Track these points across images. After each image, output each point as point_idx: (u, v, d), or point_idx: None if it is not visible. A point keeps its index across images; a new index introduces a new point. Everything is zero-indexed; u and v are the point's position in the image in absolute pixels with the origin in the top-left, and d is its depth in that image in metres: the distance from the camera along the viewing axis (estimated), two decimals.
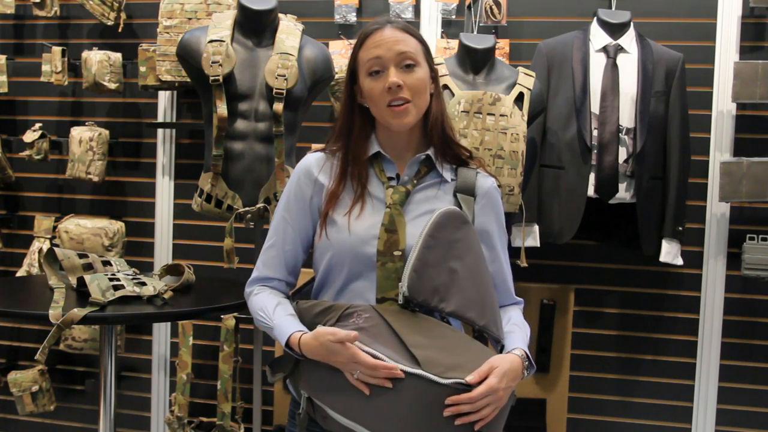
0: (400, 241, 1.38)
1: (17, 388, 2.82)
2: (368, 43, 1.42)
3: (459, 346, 1.32)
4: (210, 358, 2.90)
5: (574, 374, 2.73)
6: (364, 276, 1.39)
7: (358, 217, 1.41)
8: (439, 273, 1.34)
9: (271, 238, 1.51)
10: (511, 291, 1.55)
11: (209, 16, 2.51)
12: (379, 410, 1.24)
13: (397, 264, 1.36)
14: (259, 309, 1.45)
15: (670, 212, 2.45)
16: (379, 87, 1.39)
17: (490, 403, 1.25)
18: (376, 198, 1.44)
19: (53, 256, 2.04)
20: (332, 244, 1.42)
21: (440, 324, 1.36)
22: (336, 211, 1.43)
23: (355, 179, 1.44)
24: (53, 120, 3.07)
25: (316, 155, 1.51)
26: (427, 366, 1.24)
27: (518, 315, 1.52)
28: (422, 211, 1.42)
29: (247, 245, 2.56)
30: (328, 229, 1.43)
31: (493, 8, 2.64)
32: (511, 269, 1.56)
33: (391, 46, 1.39)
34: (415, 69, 1.40)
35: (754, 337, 2.67)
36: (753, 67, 2.44)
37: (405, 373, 1.23)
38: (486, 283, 1.41)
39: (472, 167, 1.50)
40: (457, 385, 1.23)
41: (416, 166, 1.46)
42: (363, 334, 1.28)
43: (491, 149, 2.16)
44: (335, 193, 1.44)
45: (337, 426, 1.29)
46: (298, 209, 1.48)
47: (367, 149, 1.46)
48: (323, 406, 1.30)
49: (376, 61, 1.40)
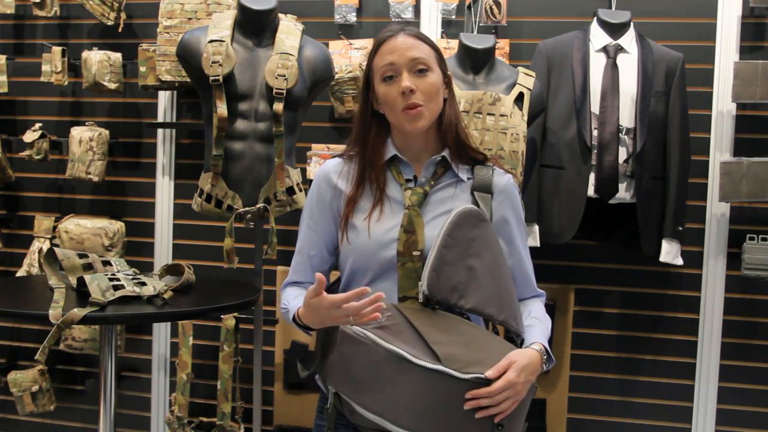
0: (419, 241, 1.42)
1: (17, 388, 2.82)
2: (382, 50, 1.46)
3: (479, 342, 1.35)
4: (210, 358, 2.90)
5: (574, 374, 2.73)
6: (387, 277, 1.43)
7: (377, 221, 1.45)
8: (457, 271, 1.38)
9: (298, 244, 1.58)
10: (532, 283, 1.58)
11: (209, 16, 2.51)
12: (401, 405, 1.27)
13: (416, 264, 1.41)
14: (283, 304, 1.51)
15: (670, 212, 2.45)
16: (393, 92, 1.43)
17: (509, 397, 1.29)
18: (395, 200, 1.47)
19: (53, 256, 2.04)
20: (354, 248, 1.46)
21: (460, 321, 1.39)
22: (356, 215, 1.48)
23: (373, 183, 1.48)
24: (53, 120, 3.07)
25: (335, 161, 1.56)
26: (447, 362, 1.27)
27: (539, 308, 1.54)
28: (440, 212, 1.46)
29: (247, 245, 2.56)
30: (349, 234, 1.47)
31: (493, 8, 2.64)
32: (531, 262, 1.58)
33: (403, 52, 1.43)
34: (428, 74, 1.44)
35: (754, 337, 2.67)
36: (753, 67, 2.44)
37: (426, 369, 1.26)
38: (504, 279, 1.45)
39: (488, 165, 1.53)
40: (477, 380, 1.27)
41: (432, 167, 1.50)
42: (385, 332, 1.32)
43: (491, 149, 2.16)
44: (354, 198, 1.48)
45: (363, 420, 1.33)
46: (320, 215, 1.53)
47: (383, 153, 1.50)
48: (349, 401, 1.33)
49: (389, 67, 1.44)
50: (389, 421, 1.28)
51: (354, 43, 2.72)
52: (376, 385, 1.30)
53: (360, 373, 1.32)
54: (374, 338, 1.30)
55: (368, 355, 1.31)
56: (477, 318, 1.45)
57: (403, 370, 1.28)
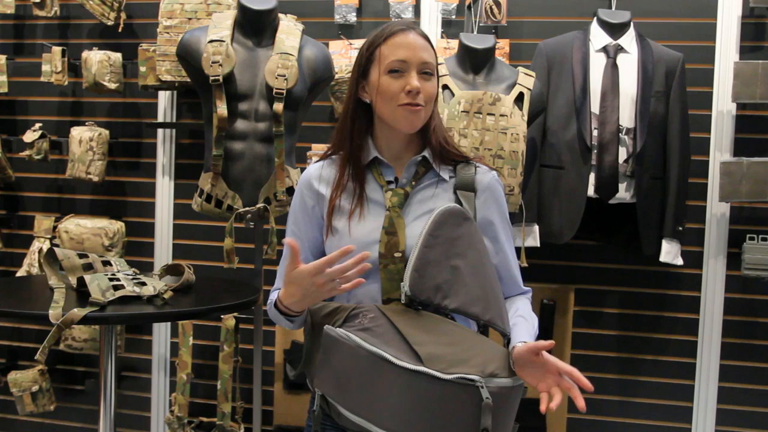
0: (400, 242, 1.40)
1: (17, 388, 2.82)
2: (394, 41, 1.43)
3: (463, 342, 1.33)
4: (210, 358, 2.90)
5: None
6: (371, 279, 1.41)
7: (359, 223, 1.44)
8: (440, 271, 1.37)
9: (284, 251, 1.55)
10: (518, 281, 1.56)
11: (209, 16, 2.51)
12: (385, 407, 1.27)
13: (398, 265, 1.40)
14: (269, 305, 1.49)
15: (670, 212, 2.45)
16: (397, 86, 1.41)
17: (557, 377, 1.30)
18: (376, 202, 1.46)
19: (53, 256, 2.04)
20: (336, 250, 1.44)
21: (444, 321, 1.38)
22: (337, 218, 1.47)
23: (354, 185, 1.47)
24: (53, 120, 3.07)
25: (315, 166, 1.55)
26: (429, 362, 1.26)
27: (525, 305, 1.52)
28: (422, 212, 1.44)
29: (247, 245, 2.56)
30: (331, 236, 1.47)
31: (493, 8, 2.64)
32: (517, 259, 1.56)
33: (417, 52, 1.42)
34: (432, 79, 1.44)
35: (754, 337, 2.67)
36: (753, 67, 2.44)
37: (407, 370, 1.26)
38: (490, 278, 1.43)
39: (471, 163, 1.52)
40: (460, 380, 1.25)
41: (414, 167, 1.48)
42: (368, 334, 1.31)
43: (491, 149, 2.16)
44: (336, 201, 1.47)
45: (349, 422, 1.33)
46: (304, 222, 1.53)
47: (364, 155, 1.49)
48: (335, 403, 1.33)
49: (400, 62, 1.42)
50: (373, 423, 1.28)
51: (354, 43, 2.72)
52: (360, 387, 1.29)
53: (343, 375, 1.31)
54: (357, 340, 1.30)
55: (351, 357, 1.30)
56: (466, 319, 1.43)
57: (385, 371, 1.27)
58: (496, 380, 1.28)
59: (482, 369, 1.28)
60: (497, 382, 1.28)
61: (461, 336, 1.35)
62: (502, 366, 1.31)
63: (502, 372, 1.29)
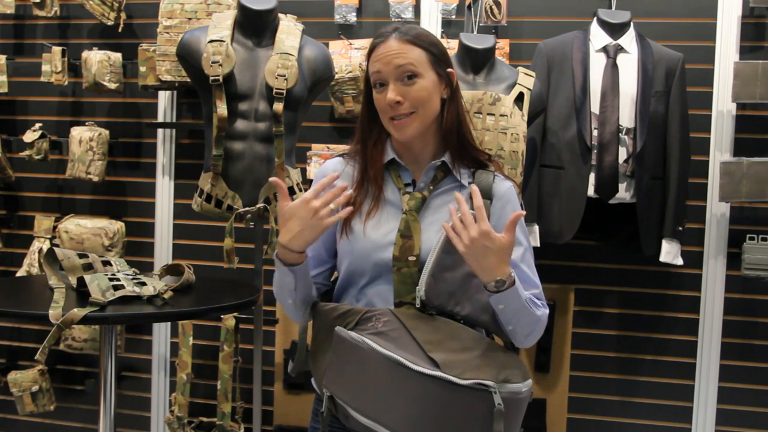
0: (415, 246, 1.40)
1: (17, 388, 2.82)
2: (373, 57, 1.44)
3: (476, 347, 1.34)
4: (210, 358, 2.90)
5: (574, 374, 2.73)
6: (384, 279, 1.42)
7: (374, 224, 1.44)
8: (455, 277, 1.37)
9: None
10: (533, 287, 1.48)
11: (209, 16, 2.51)
12: (398, 411, 1.27)
13: (411, 269, 1.39)
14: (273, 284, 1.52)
15: (670, 212, 2.45)
16: (382, 100, 1.42)
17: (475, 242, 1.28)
18: (393, 204, 1.46)
19: (53, 256, 2.04)
20: (350, 249, 1.45)
21: (458, 326, 1.37)
22: (354, 217, 1.46)
23: (372, 186, 1.47)
24: (53, 120, 3.08)
25: (334, 161, 1.54)
26: (445, 368, 1.26)
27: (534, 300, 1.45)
28: (439, 217, 1.43)
29: (247, 245, 2.56)
30: (346, 235, 1.46)
31: (493, 8, 2.64)
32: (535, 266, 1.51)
33: (390, 60, 1.40)
34: (416, 80, 1.40)
35: (754, 337, 2.67)
36: (753, 67, 2.44)
37: (424, 375, 1.25)
38: None
39: (489, 170, 1.50)
40: (476, 386, 1.25)
41: (432, 172, 1.47)
42: (382, 338, 1.31)
43: (491, 149, 2.16)
44: (354, 199, 1.46)
45: (358, 425, 1.32)
46: None
47: (383, 157, 1.48)
48: (344, 405, 1.32)
49: (377, 75, 1.42)
50: (385, 426, 1.27)
51: (354, 43, 2.72)
52: (373, 390, 1.29)
53: (356, 378, 1.31)
54: (372, 344, 1.30)
55: (365, 361, 1.30)
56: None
57: (400, 376, 1.27)
58: (509, 386, 1.28)
59: (496, 375, 1.28)
60: (509, 388, 1.28)
61: (474, 342, 1.35)
62: (515, 372, 1.31)
63: (514, 378, 1.30)
